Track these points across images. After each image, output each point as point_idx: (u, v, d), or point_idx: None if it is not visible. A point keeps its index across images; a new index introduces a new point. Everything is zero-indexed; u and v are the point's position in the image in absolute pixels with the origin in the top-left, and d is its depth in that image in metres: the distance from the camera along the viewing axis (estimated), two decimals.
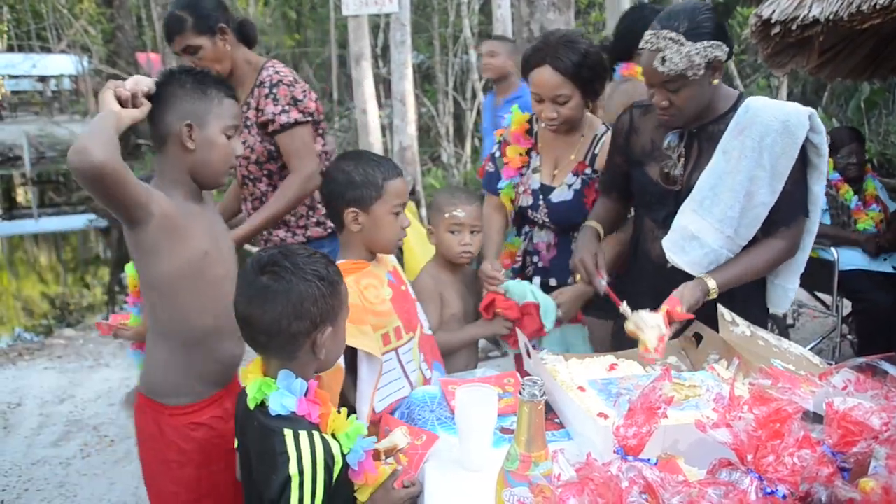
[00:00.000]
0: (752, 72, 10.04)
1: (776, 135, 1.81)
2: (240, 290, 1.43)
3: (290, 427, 1.34)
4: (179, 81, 1.66)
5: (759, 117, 1.83)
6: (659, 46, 1.79)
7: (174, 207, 1.62)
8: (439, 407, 1.77)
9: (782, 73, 4.06)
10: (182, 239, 1.64)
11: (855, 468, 1.15)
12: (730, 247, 1.91)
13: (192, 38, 2.40)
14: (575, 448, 1.51)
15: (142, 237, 1.59)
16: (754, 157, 1.83)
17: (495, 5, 7.17)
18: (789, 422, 1.13)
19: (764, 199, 1.86)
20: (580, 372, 1.76)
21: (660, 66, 1.79)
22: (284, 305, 1.37)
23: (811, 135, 1.86)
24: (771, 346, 1.80)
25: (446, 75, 13.19)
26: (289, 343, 1.40)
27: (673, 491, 1.06)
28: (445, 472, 1.49)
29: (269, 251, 1.44)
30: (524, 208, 2.36)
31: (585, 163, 2.29)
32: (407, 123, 7.56)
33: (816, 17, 3.02)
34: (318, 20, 16.70)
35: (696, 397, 1.54)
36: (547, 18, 4.85)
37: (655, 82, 1.85)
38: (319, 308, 1.40)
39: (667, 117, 1.92)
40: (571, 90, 2.16)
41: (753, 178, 1.85)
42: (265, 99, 2.46)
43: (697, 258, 1.92)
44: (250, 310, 1.40)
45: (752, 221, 1.89)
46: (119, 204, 1.51)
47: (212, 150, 1.69)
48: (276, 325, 1.37)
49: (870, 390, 1.25)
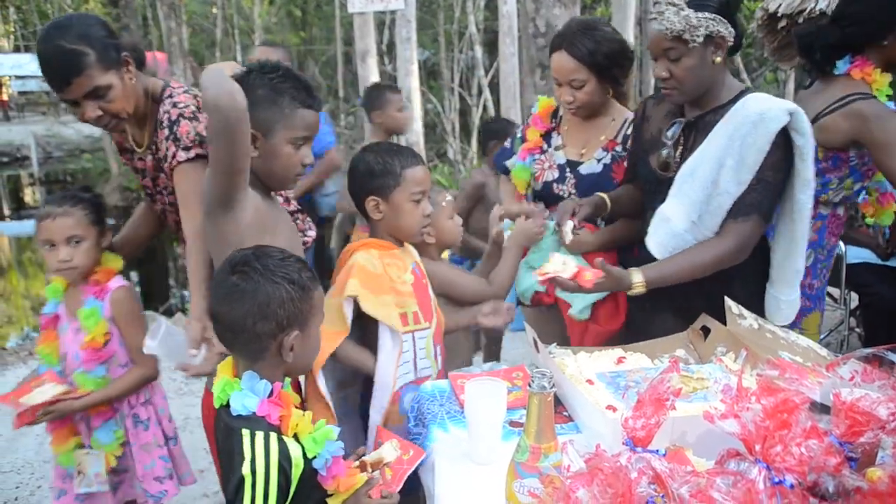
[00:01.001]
0: (758, 66, 10.01)
1: (751, 125, 1.82)
2: (213, 287, 1.46)
3: (248, 427, 1.35)
4: (252, 85, 1.65)
5: (744, 108, 1.85)
6: (661, 10, 1.83)
7: (263, 203, 1.67)
8: (449, 401, 1.78)
9: (789, 66, 4.05)
10: (270, 233, 1.67)
11: (862, 458, 1.16)
12: (694, 233, 1.93)
13: (100, 77, 1.85)
14: (584, 441, 1.53)
15: (230, 227, 1.61)
16: (726, 146, 1.85)
17: (501, 1, 7.17)
18: (797, 412, 1.14)
19: (728, 187, 1.86)
20: (588, 365, 1.77)
21: (657, 24, 1.83)
22: (250, 305, 1.37)
23: (794, 135, 1.84)
24: (778, 339, 1.80)
25: (452, 71, 13.19)
26: (253, 342, 1.40)
27: (681, 481, 1.07)
28: (455, 466, 1.50)
29: (244, 251, 1.45)
30: (549, 184, 2.38)
31: (617, 141, 2.33)
32: (412, 120, 7.57)
33: (823, 10, 3.01)
34: (323, 17, 16.72)
35: (703, 389, 1.55)
36: (553, 14, 4.85)
37: (657, 50, 1.88)
38: (286, 311, 1.40)
39: (668, 90, 1.93)
40: (587, 75, 2.22)
41: (722, 166, 1.86)
42: (166, 142, 1.96)
43: (662, 239, 1.95)
44: (219, 307, 1.42)
45: (716, 210, 1.90)
46: (237, 161, 1.54)
47: (275, 160, 1.70)
48: (240, 323, 1.38)
49: (877, 381, 1.25)
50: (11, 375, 4.64)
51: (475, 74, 12.68)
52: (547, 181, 2.39)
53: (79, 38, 1.82)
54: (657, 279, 1.89)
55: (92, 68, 1.83)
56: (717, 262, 1.91)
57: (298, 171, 1.75)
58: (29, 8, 22.81)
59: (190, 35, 15.04)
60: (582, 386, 1.62)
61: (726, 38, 1.85)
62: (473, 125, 12.35)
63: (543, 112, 2.49)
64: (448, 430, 1.64)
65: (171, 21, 12.15)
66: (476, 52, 12.03)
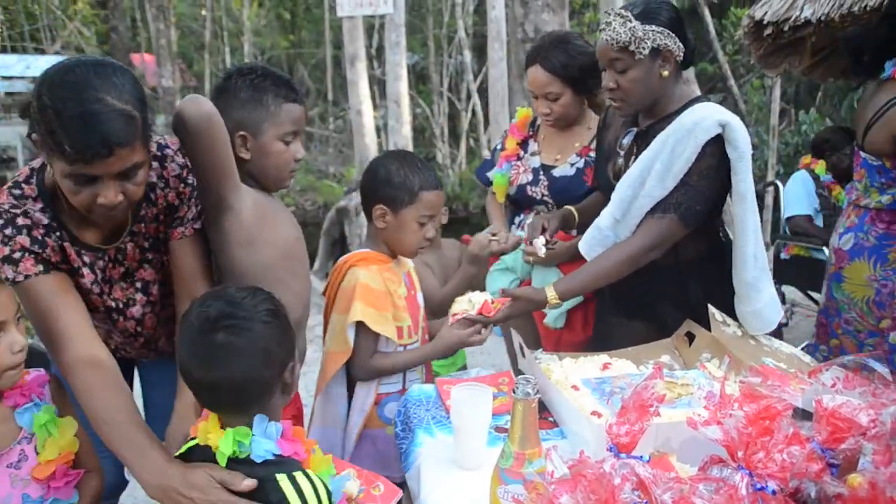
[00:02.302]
0: (745, 72, 10.08)
1: (684, 132, 1.83)
2: (193, 355, 1.26)
3: (282, 471, 1.25)
4: (234, 89, 1.65)
5: (683, 117, 1.87)
6: (608, 21, 1.86)
7: (259, 195, 1.66)
8: (434, 406, 1.78)
9: (775, 73, 4.09)
10: (275, 227, 1.67)
11: (843, 464, 1.17)
12: (616, 231, 1.96)
13: (140, 151, 1.41)
14: (569, 446, 1.53)
15: (235, 228, 1.60)
16: (657, 150, 1.87)
17: (489, 6, 7.20)
18: (779, 419, 1.15)
19: (652, 191, 1.88)
20: (574, 371, 1.77)
21: (604, 35, 1.86)
22: (251, 357, 1.24)
23: (728, 148, 1.82)
24: (762, 346, 1.82)
25: (441, 76, 13.22)
26: (263, 394, 1.29)
27: (665, 487, 1.08)
28: (441, 471, 1.50)
29: (205, 304, 1.27)
30: (523, 186, 2.42)
31: (591, 147, 2.36)
32: (402, 124, 7.58)
33: (808, 19, 3.05)
34: (312, 21, 16.72)
35: (688, 395, 1.56)
36: (541, 19, 4.88)
37: (604, 61, 1.91)
38: (283, 347, 1.31)
39: (615, 101, 1.95)
40: (561, 88, 2.27)
41: (650, 169, 1.88)
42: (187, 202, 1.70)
43: (588, 237, 1.99)
44: (214, 374, 1.24)
45: (637, 211, 1.91)
46: (221, 164, 1.51)
47: (267, 158, 1.70)
48: (248, 380, 1.25)
49: (858, 387, 1.27)
50: None
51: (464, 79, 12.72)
52: (521, 184, 2.43)
53: (132, 98, 1.38)
54: (569, 290, 1.91)
55: (138, 139, 1.39)
56: (629, 261, 1.89)
57: (292, 166, 1.75)
58: (16, 8, 22.67)
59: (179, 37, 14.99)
60: (567, 392, 1.63)
61: (674, 52, 1.86)
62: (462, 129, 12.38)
63: (521, 122, 2.54)
64: (434, 436, 1.64)
65: (159, 23, 12.11)
66: (465, 56, 12.07)
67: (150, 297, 1.76)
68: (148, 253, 1.71)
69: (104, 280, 1.66)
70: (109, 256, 1.65)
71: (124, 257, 1.68)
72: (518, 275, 2.43)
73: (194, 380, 1.28)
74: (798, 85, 9.45)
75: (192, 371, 1.27)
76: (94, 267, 1.63)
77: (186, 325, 1.28)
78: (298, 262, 1.76)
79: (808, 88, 9.38)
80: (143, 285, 1.74)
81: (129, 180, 1.43)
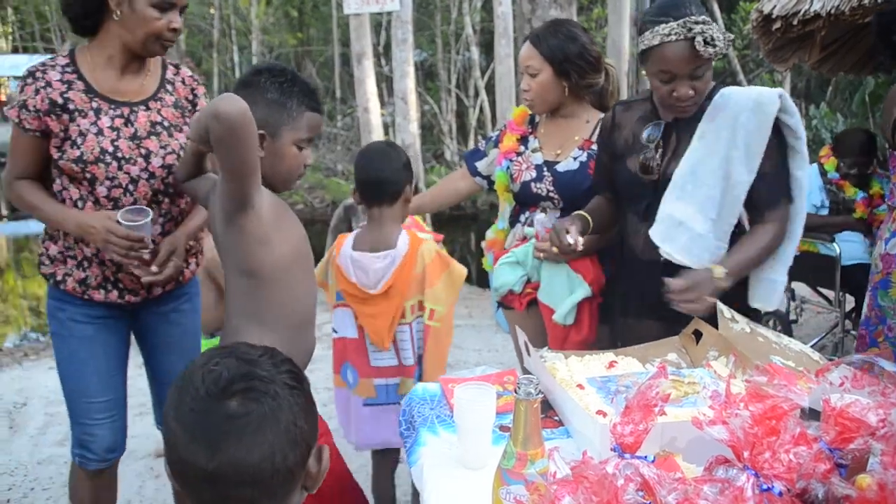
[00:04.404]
0: (755, 67, 10.02)
1: (749, 112, 1.84)
2: (193, 430, 0.95)
3: None
4: (263, 87, 1.67)
5: (732, 100, 1.87)
6: (695, 31, 1.80)
7: (272, 195, 1.68)
8: (439, 405, 1.77)
9: (784, 68, 4.06)
10: (288, 224, 1.69)
11: (852, 465, 1.15)
12: (715, 232, 1.92)
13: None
14: (574, 446, 1.52)
15: (255, 225, 1.61)
16: (729, 138, 1.86)
17: (496, 2, 7.17)
18: (786, 419, 1.13)
19: (741, 178, 1.87)
20: (579, 370, 1.76)
21: (707, 48, 1.80)
22: (275, 433, 0.96)
23: (784, 116, 1.87)
24: (770, 343, 1.80)
25: (448, 73, 13.21)
26: (284, 485, 0.99)
27: (669, 488, 1.06)
28: (445, 470, 1.49)
29: (212, 362, 1.00)
30: (527, 183, 2.41)
31: (592, 140, 2.36)
32: (409, 121, 7.57)
33: (817, 12, 3.03)
34: (320, 19, 16.73)
35: (694, 394, 1.54)
36: (549, 15, 4.87)
37: (685, 72, 1.85)
38: (310, 422, 1.03)
39: (689, 107, 1.93)
40: (541, 64, 2.31)
41: (730, 159, 1.87)
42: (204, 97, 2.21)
43: (684, 244, 1.93)
44: (223, 457, 0.94)
45: (733, 202, 1.90)
46: (248, 163, 1.53)
47: (281, 161, 1.71)
48: (267, 464, 0.95)
49: (867, 387, 1.25)
50: (6, 377, 4.63)
51: (472, 76, 12.70)
52: (525, 181, 2.41)
53: None
54: (735, 269, 1.88)
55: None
56: (770, 249, 1.95)
57: (301, 171, 1.77)
58: (27, 9, 22.79)
59: (187, 35, 15.04)
60: (572, 390, 1.62)
61: None
62: (470, 126, 12.36)
63: (519, 118, 2.54)
64: (438, 434, 1.64)
65: None
66: (473, 53, 12.05)
67: (150, 166, 2.03)
68: (160, 128, 2.06)
69: (112, 128, 2.00)
70: (123, 113, 2.02)
71: (136, 119, 2.03)
72: (527, 270, 2.42)
73: (191, 469, 0.95)
74: (808, 79, 9.39)
75: (189, 456, 0.95)
76: (103, 114, 1.99)
77: (185, 391, 0.98)
78: (307, 260, 1.77)
79: (819, 83, 9.33)
80: (146, 153, 2.03)
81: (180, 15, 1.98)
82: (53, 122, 1.97)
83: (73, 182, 2.02)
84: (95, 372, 2.11)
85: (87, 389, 2.11)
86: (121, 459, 2.26)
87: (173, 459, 0.98)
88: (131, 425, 2.34)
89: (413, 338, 2.33)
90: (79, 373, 2.11)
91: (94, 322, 2.11)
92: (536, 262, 2.38)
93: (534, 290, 2.43)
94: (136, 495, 3.07)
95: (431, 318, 2.31)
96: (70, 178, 2.02)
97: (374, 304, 2.28)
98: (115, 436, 2.18)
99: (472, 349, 4.90)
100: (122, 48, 1.99)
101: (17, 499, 3.11)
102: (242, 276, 1.67)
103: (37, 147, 2.01)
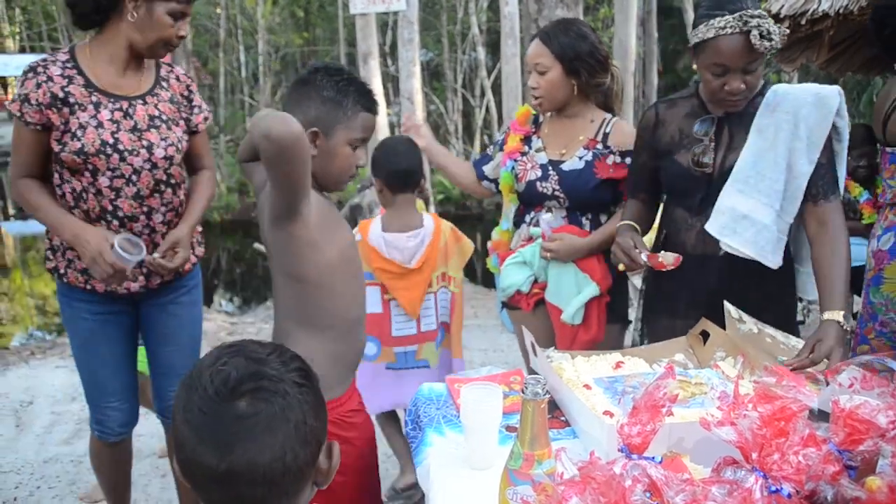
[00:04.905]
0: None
1: (810, 106, 1.87)
2: (202, 431, 0.95)
3: None
4: (319, 86, 1.66)
5: (791, 94, 1.90)
6: (751, 25, 1.79)
7: (320, 200, 1.67)
8: (445, 405, 1.77)
9: (792, 68, 4.04)
10: (335, 228, 1.69)
11: (861, 466, 1.14)
12: (778, 224, 1.93)
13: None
14: (580, 446, 1.51)
15: (303, 231, 1.60)
16: (790, 130, 1.88)
17: (503, 2, 7.17)
18: (794, 420, 1.13)
19: (803, 169, 1.89)
20: (586, 370, 1.75)
21: (763, 42, 1.79)
22: (285, 432, 0.96)
23: (835, 117, 1.89)
24: (778, 343, 1.79)
25: (455, 72, 13.21)
26: (294, 483, 0.99)
27: (677, 489, 1.06)
28: (451, 470, 1.49)
29: (220, 361, 0.99)
30: (532, 182, 2.40)
31: (597, 140, 2.36)
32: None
33: (826, 12, 3.01)
34: (326, 18, 16.76)
35: (702, 395, 1.54)
36: (555, 14, 4.86)
37: (739, 65, 1.85)
38: (320, 419, 1.03)
39: (739, 101, 1.93)
40: (551, 62, 2.30)
41: (792, 150, 1.88)
42: (196, 94, 2.29)
43: (751, 237, 1.93)
44: (234, 458, 0.93)
45: (794, 193, 1.92)
46: (298, 182, 1.51)
47: (333, 160, 1.69)
48: (278, 464, 0.95)
49: (876, 388, 1.24)
50: (13, 376, 4.65)
51: (478, 76, 12.70)
52: (530, 180, 2.41)
53: None
54: (843, 305, 1.80)
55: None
56: (849, 249, 1.90)
57: (353, 172, 1.75)
58: (35, 9, 22.89)
59: (193, 35, 15.07)
60: (579, 391, 1.61)
61: None
62: (476, 126, 12.36)
63: (522, 118, 2.54)
64: (444, 435, 1.63)
65: None
66: (479, 53, 12.05)
67: (153, 157, 2.10)
68: (158, 121, 2.12)
69: (112, 121, 2.05)
70: (122, 107, 2.07)
71: (134, 112, 2.09)
72: (534, 270, 2.42)
73: (201, 469, 0.95)
74: (816, 79, 9.36)
75: (199, 457, 0.94)
76: (102, 108, 2.04)
77: (193, 391, 0.97)
78: (355, 263, 1.77)
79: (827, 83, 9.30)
80: (149, 145, 2.09)
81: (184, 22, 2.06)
82: (55, 115, 2.01)
83: (74, 175, 2.07)
84: (104, 364, 2.27)
85: (98, 378, 2.28)
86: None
87: (183, 459, 0.97)
88: (136, 425, 2.40)
89: (437, 305, 2.70)
90: (90, 363, 2.27)
91: (99, 317, 2.21)
92: (543, 263, 2.38)
93: (541, 290, 2.42)
94: (142, 493, 3.07)
95: (452, 284, 2.71)
96: (72, 170, 2.06)
97: (409, 278, 2.61)
98: (127, 415, 2.36)
99: (478, 349, 4.89)
100: (127, 47, 2.05)
101: (24, 497, 3.12)
102: (290, 279, 1.67)
103: (38, 141, 2.05)
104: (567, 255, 2.32)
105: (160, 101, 2.15)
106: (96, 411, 2.32)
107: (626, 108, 7.22)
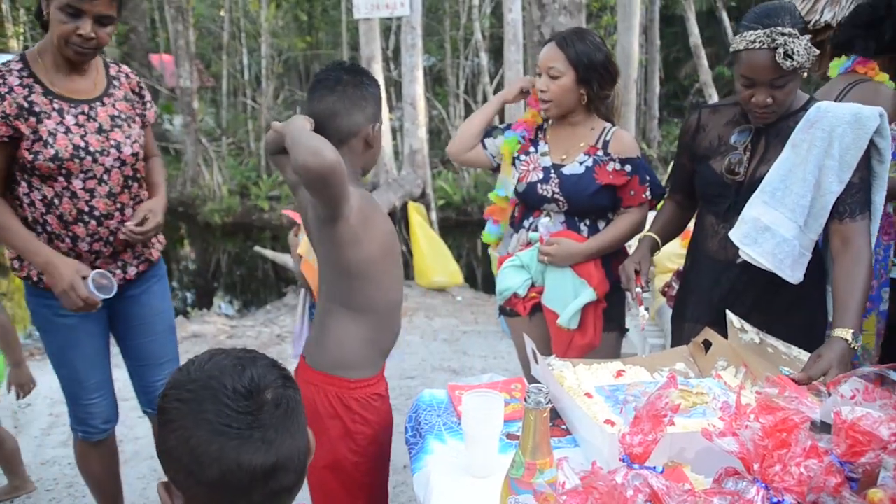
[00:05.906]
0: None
1: (846, 126, 1.85)
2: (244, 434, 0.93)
3: None
4: (366, 84, 1.79)
5: (830, 112, 1.88)
6: (778, 42, 1.80)
7: (362, 196, 1.76)
8: (446, 412, 1.77)
9: None
10: (375, 223, 1.77)
11: (863, 478, 1.14)
12: (801, 239, 1.93)
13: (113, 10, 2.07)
14: (581, 455, 1.51)
15: (344, 229, 1.70)
16: (824, 147, 1.87)
17: (506, 9, 7.17)
18: (796, 431, 1.13)
19: (831, 187, 1.88)
20: (587, 378, 1.75)
21: (786, 61, 1.80)
22: (303, 415, 1.02)
23: (876, 137, 1.88)
24: (780, 354, 1.79)
25: (457, 78, 13.22)
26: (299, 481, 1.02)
27: (678, 500, 1.06)
28: (452, 478, 1.49)
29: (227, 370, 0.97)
30: (533, 184, 2.41)
31: (597, 147, 2.37)
32: (417, 126, 7.58)
33: (828, 22, 3.02)
34: (329, 23, 16.78)
35: (703, 405, 1.54)
36: (558, 22, 4.85)
37: (764, 80, 1.86)
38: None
39: (767, 114, 1.94)
40: (565, 67, 2.30)
41: (822, 168, 1.88)
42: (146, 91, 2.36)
43: (770, 248, 1.93)
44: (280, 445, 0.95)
45: (820, 212, 1.91)
46: (337, 200, 1.62)
47: (378, 146, 1.86)
48: (305, 447, 1.02)
49: (878, 400, 1.24)
50: None
51: (480, 81, 12.72)
52: (531, 181, 2.42)
53: None
54: (856, 324, 1.78)
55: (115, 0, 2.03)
56: (869, 267, 1.89)
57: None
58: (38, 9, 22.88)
59: (197, 38, 15.08)
60: (580, 399, 1.61)
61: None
62: None
63: (530, 120, 2.54)
64: (445, 442, 1.63)
65: (178, 24, 12.18)
66: (482, 58, 12.06)
67: (122, 155, 2.16)
68: (119, 120, 2.18)
69: (77, 125, 2.09)
70: (83, 110, 2.11)
71: (96, 114, 2.13)
72: (531, 273, 2.42)
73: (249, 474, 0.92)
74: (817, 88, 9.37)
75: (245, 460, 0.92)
76: (66, 113, 2.07)
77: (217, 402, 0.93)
78: (395, 254, 1.85)
79: None
80: (116, 144, 2.15)
81: (102, 27, 2.02)
82: (23, 126, 2.03)
83: (46, 181, 2.08)
84: (82, 359, 2.30)
85: (77, 375, 2.31)
86: (124, 462, 2.31)
87: (216, 476, 0.91)
88: (133, 427, 2.42)
89: None
90: (69, 361, 2.30)
91: (75, 315, 2.22)
92: (541, 267, 2.39)
93: (538, 294, 2.43)
94: (140, 497, 3.07)
95: None
96: (43, 177, 2.08)
97: None
98: (109, 410, 2.40)
99: (478, 356, 4.89)
100: (55, 50, 2.08)
101: (21, 500, 3.11)
102: (334, 269, 1.78)
103: (5, 154, 2.06)
104: (564, 260, 2.33)
105: (116, 100, 2.20)
106: (78, 410, 2.36)
107: (627, 116, 7.23)
